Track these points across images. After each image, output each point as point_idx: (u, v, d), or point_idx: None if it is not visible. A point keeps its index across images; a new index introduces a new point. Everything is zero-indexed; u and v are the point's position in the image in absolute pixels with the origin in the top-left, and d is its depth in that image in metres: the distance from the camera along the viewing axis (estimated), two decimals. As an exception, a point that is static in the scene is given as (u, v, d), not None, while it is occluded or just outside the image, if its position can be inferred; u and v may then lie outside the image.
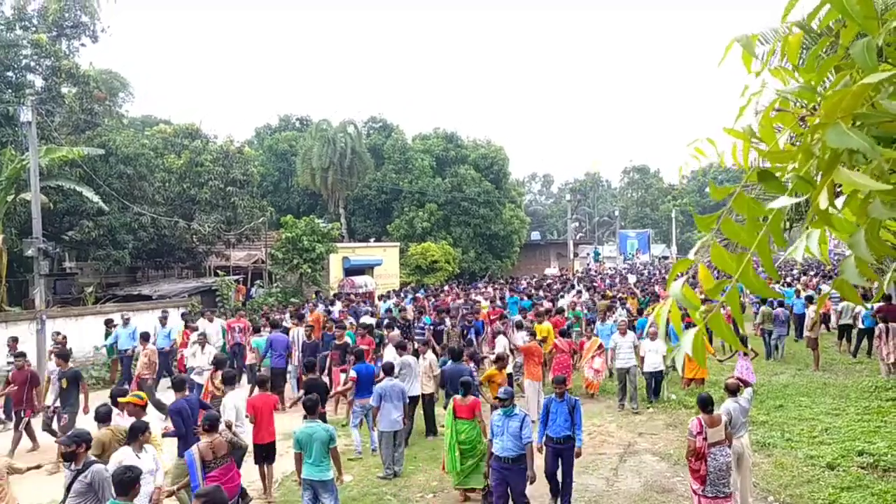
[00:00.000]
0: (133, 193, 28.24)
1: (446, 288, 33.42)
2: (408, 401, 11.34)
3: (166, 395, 12.93)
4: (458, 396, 9.81)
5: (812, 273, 36.47)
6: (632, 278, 39.63)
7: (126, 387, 13.74)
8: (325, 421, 9.22)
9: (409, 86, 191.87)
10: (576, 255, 60.92)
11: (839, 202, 1.58)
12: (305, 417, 8.78)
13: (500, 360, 12.29)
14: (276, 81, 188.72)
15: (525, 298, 23.52)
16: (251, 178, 34.51)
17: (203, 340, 15.07)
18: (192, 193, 32.06)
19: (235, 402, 9.78)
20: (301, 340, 16.25)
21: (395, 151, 47.16)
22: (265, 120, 70.71)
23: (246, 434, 9.55)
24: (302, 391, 11.29)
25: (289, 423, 11.97)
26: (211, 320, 18.48)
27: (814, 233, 1.61)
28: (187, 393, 10.04)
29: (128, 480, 6.00)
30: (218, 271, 32.27)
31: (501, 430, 8.36)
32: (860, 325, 18.88)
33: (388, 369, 11.41)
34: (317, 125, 46.13)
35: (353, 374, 12.01)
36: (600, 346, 15.47)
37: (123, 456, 7.35)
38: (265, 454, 9.91)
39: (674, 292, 1.64)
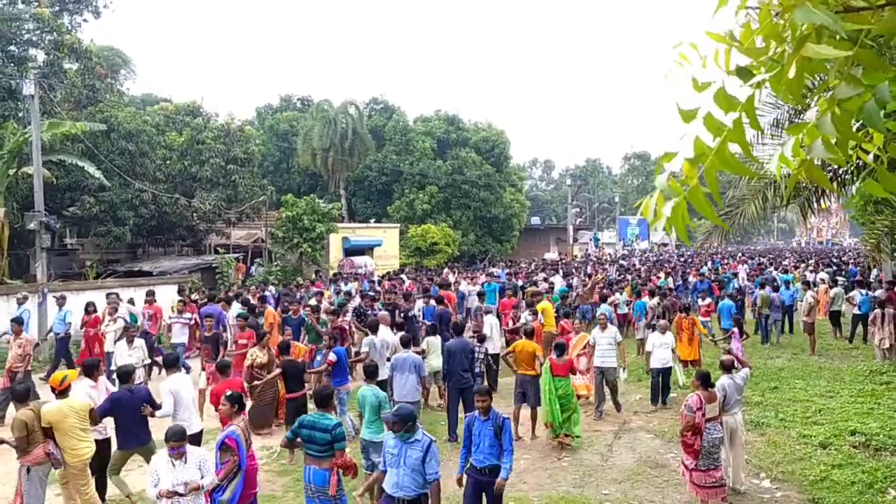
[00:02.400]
0: (134, 170, 28.28)
1: (445, 270, 33.50)
2: (424, 373, 11.04)
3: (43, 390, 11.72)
4: (555, 356, 11.09)
5: (812, 262, 36.52)
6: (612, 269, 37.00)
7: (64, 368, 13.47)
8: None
9: (411, 67, 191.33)
10: (575, 240, 61.04)
11: (811, 114, 1.65)
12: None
13: (527, 333, 12.07)
14: (278, 61, 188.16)
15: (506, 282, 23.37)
16: (252, 157, 34.53)
17: (133, 334, 13.18)
18: (193, 171, 32.11)
19: (172, 388, 8.69)
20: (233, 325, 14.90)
21: (396, 133, 47.13)
22: (266, 100, 70.63)
23: (194, 421, 8.82)
24: (278, 370, 10.93)
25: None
26: (60, 306, 16.35)
27: (789, 141, 1.69)
28: (139, 382, 9.31)
29: None
30: (218, 249, 32.38)
31: (396, 460, 6.46)
32: (855, 311, 19.00)
33: (406, 342, 11.28)
34: (318, 105, 46.05)
35: (332, 356, 11.27)
36: (586, 344, 13.41)
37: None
38: None
39: (659, 183, 1.72)
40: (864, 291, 19.20)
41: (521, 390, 11.41)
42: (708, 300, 19.17)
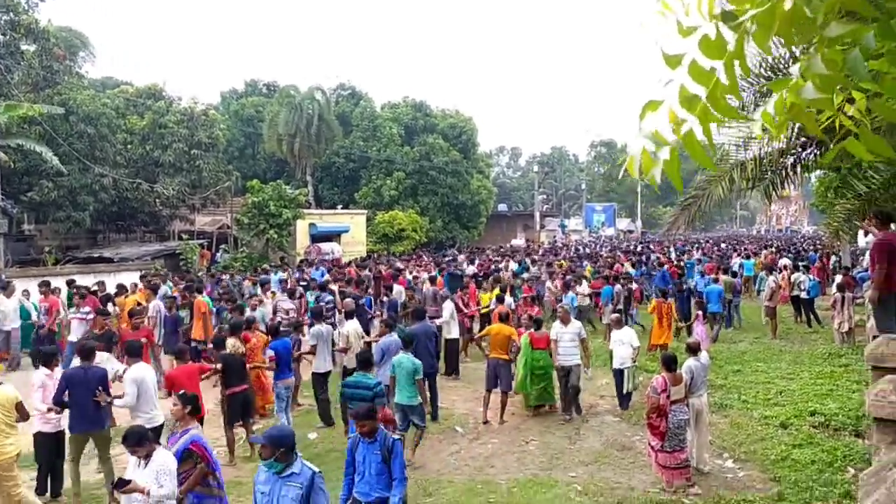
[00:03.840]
0: (94, 154, 27.68)
1: (414, 257, 33.39)
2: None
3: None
4: (533, 330, 11.58)
5: (773, 248, 37.19)
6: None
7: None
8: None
9: (378, 54, 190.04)
10: (542, 227, 61.41)
11: (794, 70, 1.62)
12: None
13: (502, 317, 12.11)
14: (243, 46, 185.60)
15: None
16: (216, 142, 34.00)
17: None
18: (156, 156, 31.51)
19: (135, 377, 8.21)
20: (162, 314, 14.06)
21: (363, 119, 46.79)
22: (231, 84, 69.45)
23: (157, 413, 8.43)
24: (218, 364, 10.06)
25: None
26: (9, 296, 15.41)
27: (772, 99, 1.67)
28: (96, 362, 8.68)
29: None
30: (182, 235, 31.89)
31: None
32: (803, 295, 19.38)
33: (391, 324, 11.20)
34: (284, 91, 45.49)
35: (270, 352, 10.74)
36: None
37: None
38: None
39: (645, 132, 1.68)
40: (812, 277, 19.74)
41: (493, 374, 11.41)
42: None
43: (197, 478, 6.32)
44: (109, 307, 15.14)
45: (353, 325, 11.96)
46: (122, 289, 16.75)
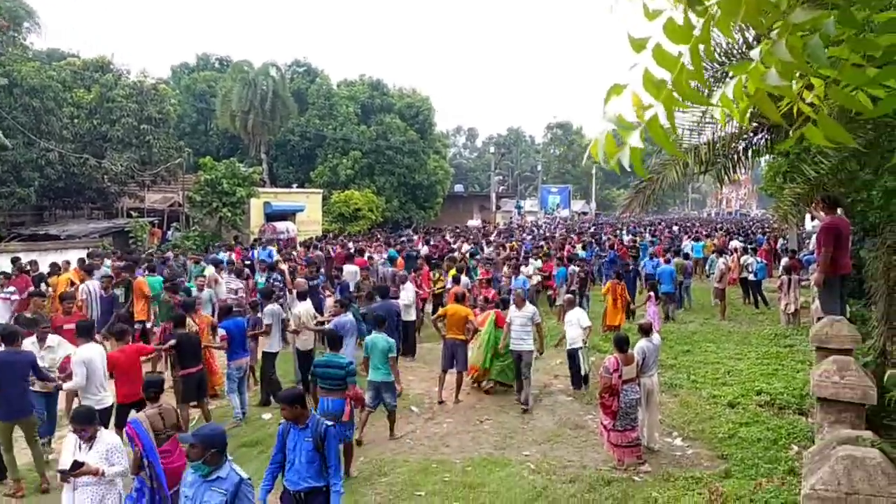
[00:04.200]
0: (39, 128, 26.84)
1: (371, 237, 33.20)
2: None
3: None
4: (500, 309, 11.93)
5: (722, 231, 37.97)
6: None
7: None
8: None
9: (334, 30, 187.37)
10: (499, 207, 61.69)
11: (754, 54, 1.63)
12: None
13: (458, 298, 12.20)
14: (194, 18, 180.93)
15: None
16: (167, 117, 33.23)
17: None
18: (104, 130, 30.67)
19: (84, 357, 7.95)
20: (95, 294, 13.20)
21: (319, 97, 46.20)
22: (182, 58, 67.94)
23: (107, 395, 8.30)
24: (172, 341, 9.75)
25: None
26: None
27: (731, 82, 1.68)
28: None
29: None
30: (131, 213, 31.14)
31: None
32: (751, 277, 19.85)
33: (346, 304, 11.33)
34: (237, 66, 44.55)
35: (221, 331, 10.43)
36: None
37: None
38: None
39: (609, 116, 1.68)
40: (759, 259, 20.26)
41: (449, 354, 11.46)
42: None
43: (134, 463, 6.15)
44: (43, 287, 14.53)
45: (305, 307, 11.84)
46: (55, 267, 16.12)
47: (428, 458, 9.13)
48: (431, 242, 27.87)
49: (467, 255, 21.41)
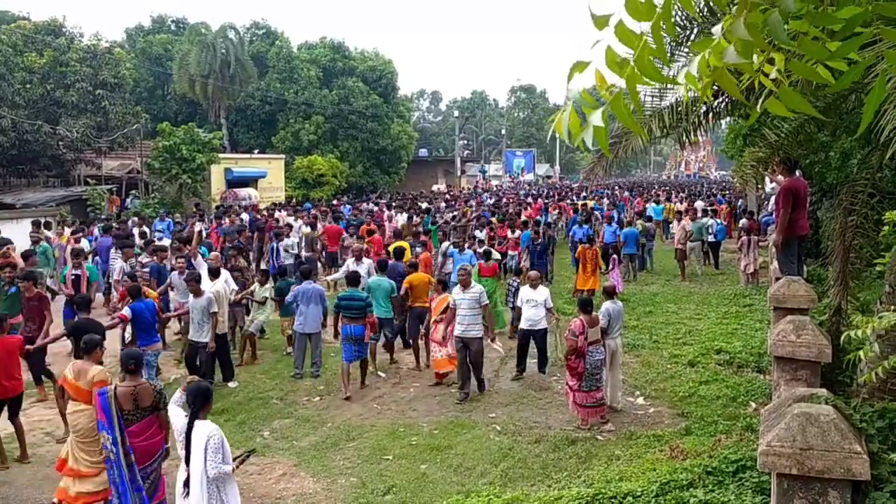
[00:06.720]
0: (-10, 94, 25.96)
1: (335, 202, 32.89)
2: (326, 303, 11.46)
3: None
4: (483, 262, 13.17)
5: (683, 195, 38.46)
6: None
7: None
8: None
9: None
10: (463, 172, 61.50)
11: (716, 30, 1.65)
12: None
13: (414, 266, 12.80)
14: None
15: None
16: (123, 82, 32.39)
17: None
18: (57, 96, 29.77)
19: None
20: None
21: (279, 60, 45.28)
22: (136, 20, 65.91)
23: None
24: (65, 330, 9.11)
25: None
26: None
27: (695, 59, 1.69)
28: None
29: None
30: (88, 180, 30.44)
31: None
32: (710, 238, 20.16)
33: (307, 273, 11.68)
34: (194, 28, 43.41)
35: (125, 311, 9.36)
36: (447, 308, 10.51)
37: None
38: (9, 409, 7.90)
39: (572, 94, 1.69)
40: (719, 220, 20.64)
41: (416, 321, 11.58)
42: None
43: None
44: None
45: (220, 284, 10.97)
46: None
47: (395, 422, 9.23)
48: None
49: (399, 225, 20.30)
